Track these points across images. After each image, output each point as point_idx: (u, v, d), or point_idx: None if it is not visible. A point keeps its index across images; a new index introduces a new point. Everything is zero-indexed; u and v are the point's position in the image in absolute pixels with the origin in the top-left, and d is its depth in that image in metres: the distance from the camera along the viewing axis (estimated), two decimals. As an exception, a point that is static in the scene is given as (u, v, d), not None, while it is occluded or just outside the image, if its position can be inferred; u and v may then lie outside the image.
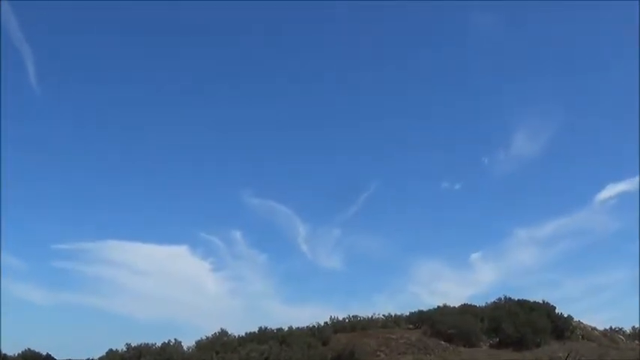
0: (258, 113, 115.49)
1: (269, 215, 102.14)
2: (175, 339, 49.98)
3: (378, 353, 48.52)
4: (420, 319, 55.10)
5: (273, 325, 52.58)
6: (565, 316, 57.35)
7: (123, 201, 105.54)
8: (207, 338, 50.75)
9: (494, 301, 59.57)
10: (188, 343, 50.54)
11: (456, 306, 58.50)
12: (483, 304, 59.53)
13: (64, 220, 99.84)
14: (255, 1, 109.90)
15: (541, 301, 58.26)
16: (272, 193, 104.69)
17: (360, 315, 55.91)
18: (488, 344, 52.94)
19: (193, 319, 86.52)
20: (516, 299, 59.24)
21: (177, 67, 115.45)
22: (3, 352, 48.14)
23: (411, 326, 54.63)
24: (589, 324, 61.57)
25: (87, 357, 51.32)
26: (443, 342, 50.95)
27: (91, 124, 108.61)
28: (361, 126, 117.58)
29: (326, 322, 53.94)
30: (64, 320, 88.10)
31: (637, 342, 60.61)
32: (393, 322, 55.58)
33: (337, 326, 53.55)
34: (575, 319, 58.97)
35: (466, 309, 57.30)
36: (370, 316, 55.94)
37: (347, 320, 54.96)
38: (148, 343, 48.91)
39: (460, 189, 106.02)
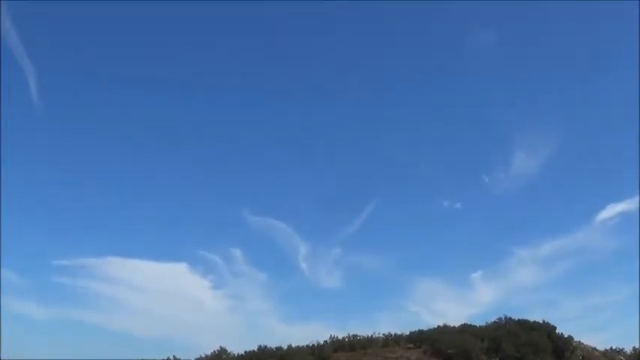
0: (258, 131, 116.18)
1: (269, 233, 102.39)
2: (174, 356, 50.13)
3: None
4: (420, 339, 54.88)
5: (272, 343, 52.55)
6: (565, 336, 57.12)
7: (123, 218, 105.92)
8: (207, 356, 50.67)
9: (494, 321, 59.43)
10: (187, 360, 50.57)
11: (456, 325, 58.40)
12: (483, 324, 59.43)
13: (65, 235, 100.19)
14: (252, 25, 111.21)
15: (541, 321, 58.11)
16: (272, 211, 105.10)
17: (359, 334, 55.83)
18: (488, 364, 52.70)
19: (192, 337, 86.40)
20: (516, 319, 59.08)
21: (178, 82, 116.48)
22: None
23: (411, 345, 54.38)
24: (589, 344, 61.34)
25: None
26: (443, 361, 50.75)
27: (93, 140, 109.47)
28: (361, 144, 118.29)
29: (325, 341, 53.80)
30: (63, 336, 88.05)
31: (638, 363, 60.31)
32: (393, 341, 55.38)
33: (337, 345, 53.37)
34: (576, 339, 58.73)
35: (466, 329, 57.14)
36: (370, 335, 55.76)
37: (346, 339, 54.79)
38: (147, 360, 49.00)
39: (460, 208, 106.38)
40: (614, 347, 63.49)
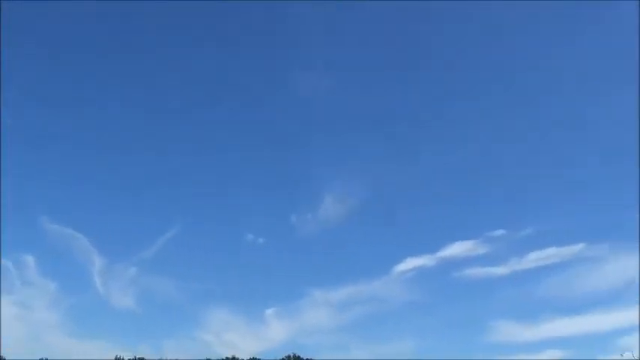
0: (68, 139, 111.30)
1: (66, 243, 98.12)
2: None
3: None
4: (209, 369, 55.50)
5: (55, 357, 50.48)
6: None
7: None
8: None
9: (282, 358, 61.54)
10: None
11: (245, 359, 59.71)
12: (272, 359, 61.26)
13: None
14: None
15: (327, 363, 61.10)
16: (72, 221, 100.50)
17: (146, 357, 55.26)
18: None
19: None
20: (305, 358, 61.60)
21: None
22: None
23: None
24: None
25: None
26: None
27: None
28: (171, 167, 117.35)
29: (111, 361, 52.65)
30: None
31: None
32: (182, 368, 55.43)
33: (122, 366, 52.43)
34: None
35: (255, 362, 58.62)
36: (157, 360, 55.36)
37: (132, 362, 54.03)
38: None
39: (264, 243, 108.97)
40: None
